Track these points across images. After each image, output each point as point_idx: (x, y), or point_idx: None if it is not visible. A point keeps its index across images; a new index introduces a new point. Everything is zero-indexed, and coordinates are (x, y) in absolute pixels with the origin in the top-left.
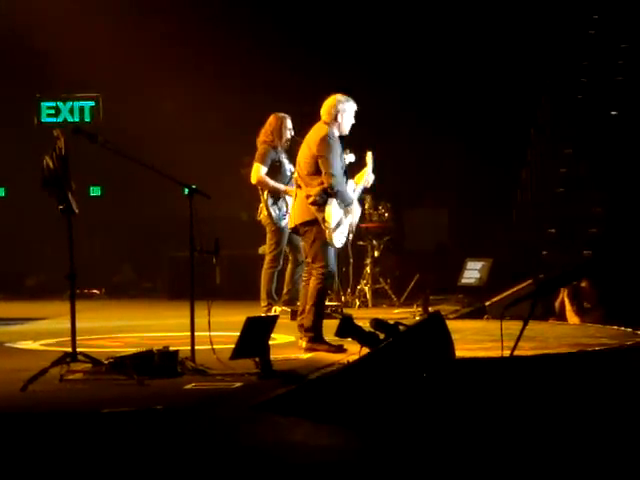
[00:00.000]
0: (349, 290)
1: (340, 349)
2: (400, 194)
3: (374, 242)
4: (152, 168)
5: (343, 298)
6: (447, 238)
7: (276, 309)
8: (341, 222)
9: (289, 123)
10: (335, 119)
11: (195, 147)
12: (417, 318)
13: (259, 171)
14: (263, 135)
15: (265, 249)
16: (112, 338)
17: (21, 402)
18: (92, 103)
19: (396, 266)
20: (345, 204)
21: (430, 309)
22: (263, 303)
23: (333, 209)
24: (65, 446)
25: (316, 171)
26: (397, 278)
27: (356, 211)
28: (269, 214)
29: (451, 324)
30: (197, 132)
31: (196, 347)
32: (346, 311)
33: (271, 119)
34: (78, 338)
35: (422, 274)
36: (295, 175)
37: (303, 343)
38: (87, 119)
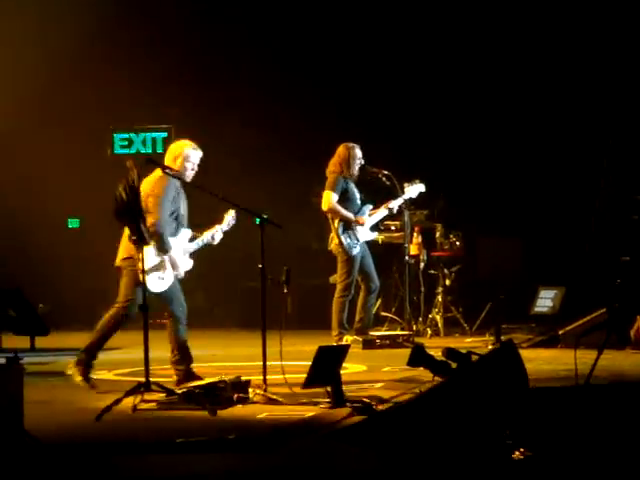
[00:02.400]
0: (420, 319)
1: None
2: (472, 222)
3: (445, 270)
4: (223, 198)
5: (415, 327)
6: (520, 266)
7: (347, 338)
8: (160, 267)
9: (358, 153)
10: (174, 160)
11: (262, 177)
12: (490, 347)
13: (330, 198)
14: (332, 165)
15: (336, 278)
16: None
17: (96, 432)
18: (164, 134)
19: (468, 295)
20: (161, 249)
21: (502, 338)
22: (334, 332)
23: (148, 251)
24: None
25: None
26: (469, 307)
27: (179, 260)
28: (340, 243)
29: (524, 353)
30: (263, 162)
31: (268, 376)
32: (418, 340)
33: (340, 149)
34: (151, 368)
35: (494, 302)
36: None
37: (70, 366)
38: (159, 150)
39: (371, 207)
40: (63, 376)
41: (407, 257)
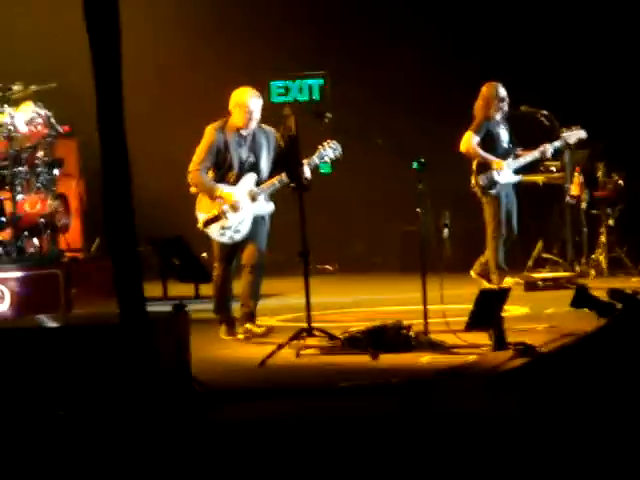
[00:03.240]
0: (583, 260)
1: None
2: (635, 161)
3: (608, 210)
4: (380, 144)
5: (577, 268)
6: None
7: (508, 280)
8: (219, 217)
9: (502, 91)
10: (234, 111)
11: (419, 121)
12: None
13: (469, 139)
14: (477, 106)
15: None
16: (346, 313)
17: (260, 377)
18: (321, 81)
19: (632, 234)
20: (208, 195)
21: None
22: (493, 275)
23: (197, 206)
24: (303, 421)
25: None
26: (634, 246)
27: (260, 204)
28: (476, 183)
29: None
30: (417, 107)
31: (429, 320)
32: (581, 281)
33: (483, 89)
34: (313, 313)
35: None
36: None
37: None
38: (316, 97)
39: (520, 150)
40: None
41: (568, 198)
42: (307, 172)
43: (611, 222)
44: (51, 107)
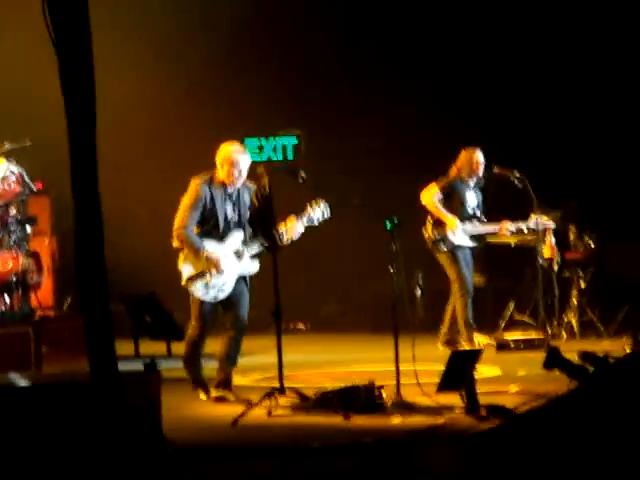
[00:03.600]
0: (555, 322)
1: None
2: (606, 224)
3: (580, 272)
4: (356, 203)
5: (549, 330)
6: None
7: (480, 341)
8: (203, 274)
9: (480, 157)
10: (221, 167)
11: (392, 181)
12: (627, 350)
13: (432, 193)
14: (453, 169)
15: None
16: (318, 373)
17: (232, 437)
18: (294, 141)
19: (604, 297)
20: (194, 253)
21: None
22: (462, 334)
23: (183, 262)
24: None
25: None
26: (605, 309)
27: (246, 263)
28: (430, 234)
29: None
30: (392, 166)
31: (401, 381)
32: (553, 343)
33: (462, 152)
34: (285, 373)
35: (631, 305)
36: None
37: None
38: (290, 156)
39: (484, 218)
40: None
41: (540, 259)
42: (300, 229)
43: (583, 284)
44: (23, 163)
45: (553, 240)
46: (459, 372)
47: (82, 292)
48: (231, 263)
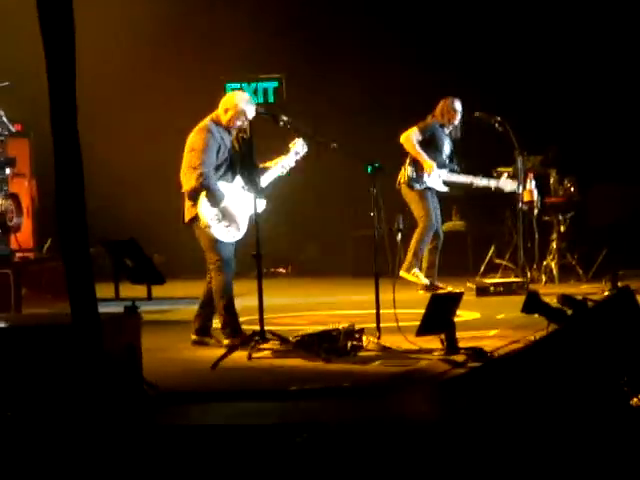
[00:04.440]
0: (535, 266)
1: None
2: (587, 168)
3: (560, 217)
4: (333, 147)
5: (529, 274)
6: (637, 213)
7: (416, 273)
8: (222, 216)
9: (457, 105)
10: (225, 112)
11: (370, 126)
12: (606, 294)
13: (411, 133)
14: (431, 115)
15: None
16: (298, 316)
17: (212, 380)
18: (275, 84)
19: (583, 241)
20: (214, 201)
21: (619, 284)
22: (404, 267)
23: (203, 206)
24: (255, 425)
25: (191, 165)
26: (584, 253)
27: (250, 202)
28: (405, 173)
29: None
30: (370, 112)
31: (381, 325)
32: (532, 287)
33: (441, 101)
34: (265, 316)
35: (610, 249)
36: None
37: (224, 341)
38: (271, 100)
39: (456, 168)
40: (179, 325)
41: (521, 204)
42: (287, 163)
43: (562, 229)
44: (2, 106)
45: (533, 184)
46: (439, 316)
47: (62, 234)
48: (244, 202)
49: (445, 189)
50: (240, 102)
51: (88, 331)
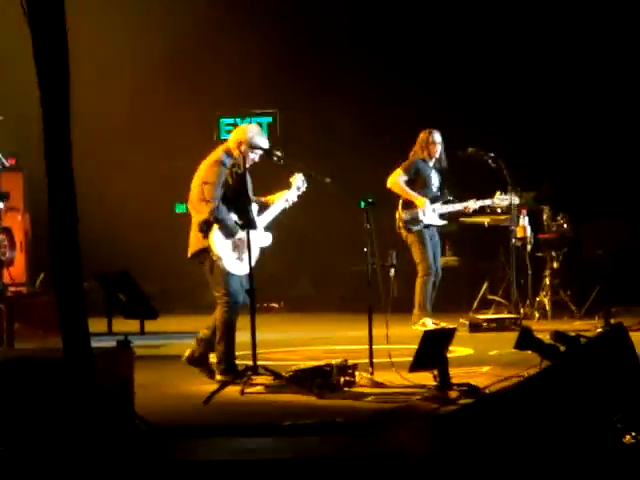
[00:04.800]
0: (528, 302)
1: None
2: (579, 204)
3: (553, 253)
4: (328, 182)
5: (522, 310)
6: (629, 249)
7: (424, 321)
8: (234, 248)
9: (437, 137)
10: (237, 146)
11: (365, 160)
12: (599, 330)
13: (396, 176)
14: (413, 150)
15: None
16: (291, 351)
17: (204, 415)
18: (269, 119)
19: (576, 278)
20: (227, 233)
21: (612, 321)
22: (415, 314)
23: (216, 237)
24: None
25: (202, 198)
26: (577, 290)
27: (261, 236)
28: (400, 219)
29: (635, 336)
30: (366, 146)
31: (374, 360)
32: (525, 323)
33: (420, 134)
34: (258, 351)
35: (603, 285)
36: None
37: (217, 375)
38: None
39: (450, 198)
40: (172, 359)
41: (514, 240)
42: (291, 197)
43: (556, 265)
44: None
45: (526, 220)
46: (432, 351)
47: (55, 269)
48: (256, 236)
49: (443, 222)
50: (251, 134)
51: (80, 365)
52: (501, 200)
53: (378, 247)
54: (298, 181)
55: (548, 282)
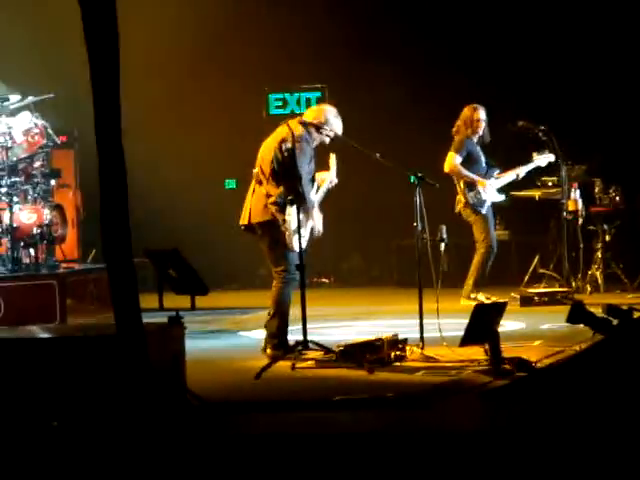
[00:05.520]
0: (579, 276)
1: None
2: (632, 176)
3: (605, 226)
4: (379, 157)
5: (574, 284)
6: None
7: (479, 295)
8: (301, 225)
9: (482, 114)
10: (316, 123)
11: (416, 134)
12: None
13: (452, 159)
14: (455, 126)
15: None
16: (342, 326)
17: (255, 390)
18: (318, 94)
19: (628, 250)
20: (305, 208)
21: None
22: (466, 290)
23: (293, 212)
24: (297, 437)
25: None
26: (630, 263)
27: (317, 216)
28: (467, 202)
29: None
30: (417, 120)
31: (425, 334)
32: (577, 297)
33: (464, 110)
34: (309, 326)
35: None
36: (256, 170)
37: (268, 350)
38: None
39: (497, 171)
40: (222, 334)
41: (565, 213)
42: (334, 178)
43: (608, 238)
44: (48, 118)
45: (578, 193)
46: (483, 325)
47: (106, 245)
48: (317, 214)
49: (502, 197)
50: (326, 114)
51: (132, 341)
52: (541, 159)
53: (428, 221)
54: (332, 161)
55: (600, 255)
